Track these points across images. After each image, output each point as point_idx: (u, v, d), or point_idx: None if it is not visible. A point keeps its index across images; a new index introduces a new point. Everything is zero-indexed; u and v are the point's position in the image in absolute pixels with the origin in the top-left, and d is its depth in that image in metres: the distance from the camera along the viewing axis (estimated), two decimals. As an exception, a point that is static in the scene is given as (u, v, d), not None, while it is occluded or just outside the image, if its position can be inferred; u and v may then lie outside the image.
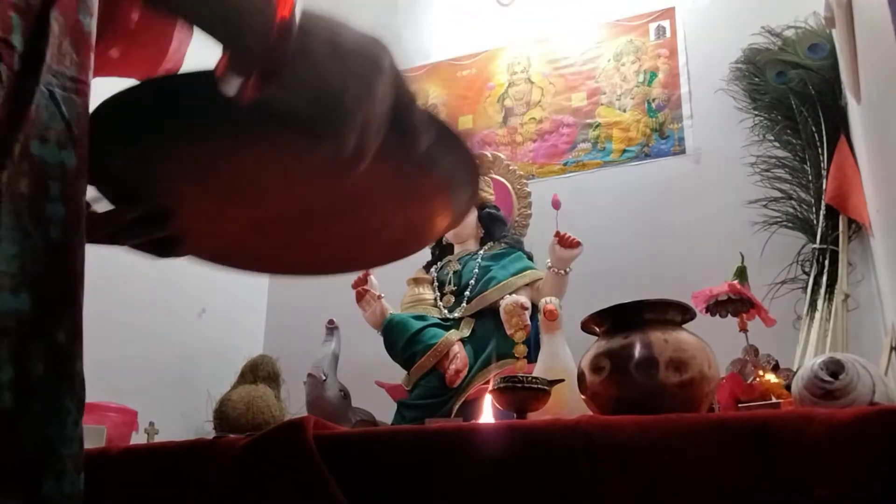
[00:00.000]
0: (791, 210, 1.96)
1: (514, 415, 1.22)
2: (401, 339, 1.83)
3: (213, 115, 0.53)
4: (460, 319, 1.87)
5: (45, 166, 0.50)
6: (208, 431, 1.90)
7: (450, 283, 1.96)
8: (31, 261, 0.48)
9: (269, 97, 0.49)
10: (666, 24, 2.35)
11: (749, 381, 1.27)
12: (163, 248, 0.69)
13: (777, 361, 1.37)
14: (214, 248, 0.74)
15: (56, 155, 0.51)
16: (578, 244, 1.80)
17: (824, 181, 1.86)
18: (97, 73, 0.67)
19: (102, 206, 0.66)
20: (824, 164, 1.88)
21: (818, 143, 1.92)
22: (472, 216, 2.02)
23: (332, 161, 0.52)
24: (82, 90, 0.55)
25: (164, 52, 0.76)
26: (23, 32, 0.49)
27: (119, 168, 0.62)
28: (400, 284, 2.04)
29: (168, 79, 0.59)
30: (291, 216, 0.67)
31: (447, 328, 1.84)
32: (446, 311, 1.91)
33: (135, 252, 0.70)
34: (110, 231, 0.65)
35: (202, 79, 0.51)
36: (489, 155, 2.25)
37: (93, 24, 0.56)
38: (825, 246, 1.83)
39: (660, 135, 2.25)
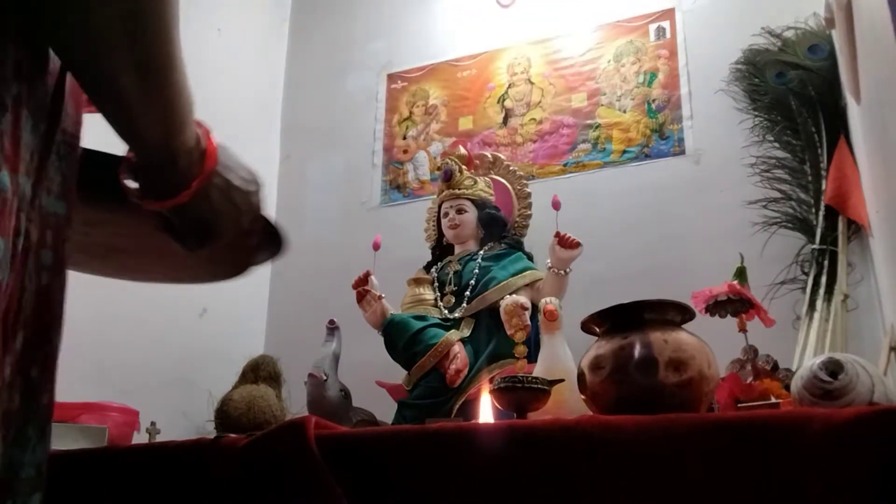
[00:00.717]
0: (791, 211, 1.96)
1: (514, 415, 1.22)
2: (401, 339, 1.83)
3: (101, 187, 0.62)
4: (460, 319, 1.88)
5: (46, 216, 0.55)
6: (209, 431, 1.90)
7: (450, 284, 1.96)
8: (27, 304, 0.53)
9: (162, 213, 0.60)
10: (666, 24, 2.35)
11: (748, 382, 1.28)
12: None
13: (776, 361, 1.37)
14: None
15: (53, 205, 0.56)
16: (578, 244, 1.80)
17: (824, 182, 1.87)
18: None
19: None
20: (824, 165, 1.89)
21: (818, 144, 1.92)
22: (473, 216, 2.02)
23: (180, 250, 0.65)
24: (75, 144, 0.60)
25: None
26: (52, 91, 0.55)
27: None
28: (400, 285, 2.04)
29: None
30: (108, 249, 0.80)
31: (447, 328, 1.85)
32: (446, 312, 1.91)
33: None
34: None
35: (105, 159, 0.62)
36: (489, 155, 2.25)
37: None
38: (824, 246, 1.83)
39: (660, 135, 2.25)
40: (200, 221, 0.62)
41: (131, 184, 0.60)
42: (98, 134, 0.61)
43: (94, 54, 0.49)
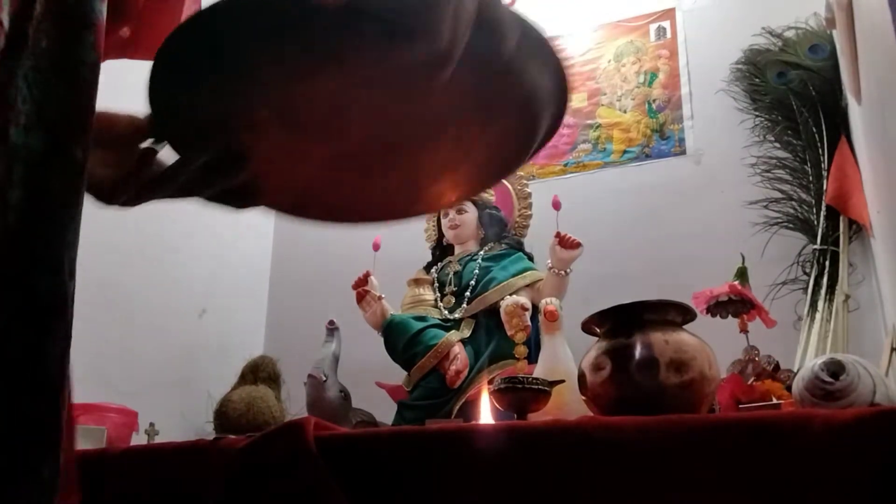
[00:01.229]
0: (791, 211, 1.96)
1: (515, 416, 1.22)
2: (401, 340, 1.83)
3: (289, 32, 0.49)
4: (461, 320, 1.87)
5: (14, 150, 0.49)
6: (209, 432, 1.90)
7: (450, 284, 1.96)
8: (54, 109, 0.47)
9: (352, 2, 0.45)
10: (666, 24, 2.35)
11: (749, 383, 1.27)
12: (240, 197, 0.65)
13: (778, 362, 1.37)
14: (294, 195, 0.67)
15: (23, 138, 0.49)
16: (579, 245, 1.80)
17: (825, 182, 1.86)
18: (109, 56, 0.65)
19: (171, 155, 0.61)
20: (825, 165, 1.88)
21: (819, 144, 1.92)
22: (473, 216, 2.02)
23: (423, 63, 0.48)
24: (69, 69, 0.52)
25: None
26: (10, 10, 0.48)
27: (185, 108, 0.56)
28: (400, 285, 2.04)
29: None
30: (374, 149, 0.61)
31: (447, 329, 1.84)
32: (447, 312, 1.91)
33: (211, 205, 0.65)
34: (183, 182, 0.61)
35: None
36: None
37: (93, 4, 0.54)
38: (826, 247, 1.83)
39: (660, 135, 2.25)
40: None
41: None
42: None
43: None
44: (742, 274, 1.56)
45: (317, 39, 0.49)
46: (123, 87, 0.63)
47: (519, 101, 0.57)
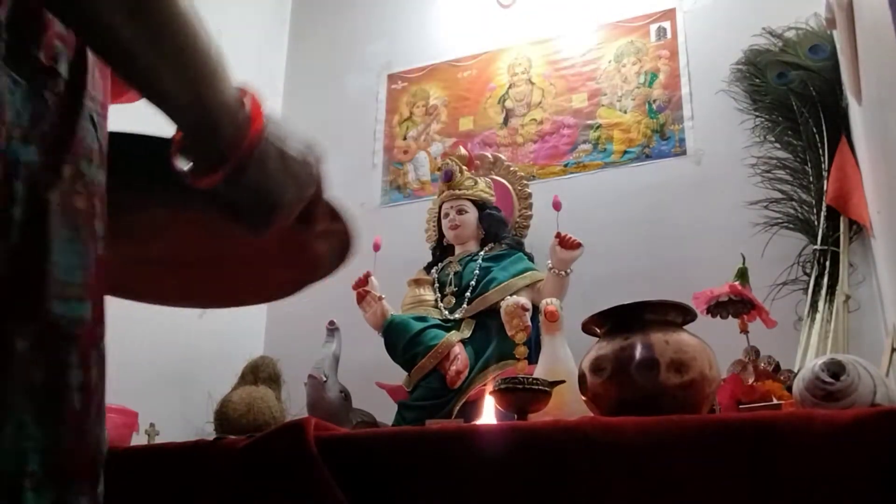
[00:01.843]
0: (792, 211, 1.96)
1: (515, 416, 1.22)
2: (401, 341, 1.83)
3: (153, 178, 0.59)
4: (461, 320, 1.87)
5: (92, 185, 0.54)
6: (209, 433, 1.89)
7: (450, 285, 1.96)
8: (89, 272, 0.53)
9: (219, 191, 0.57)
10: (667, 25, 2.35)
11: (750, 383, 1.27)
12: None
13: (778, 363, 1.37)
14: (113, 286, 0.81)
15: (96, 174, 0.55)
16: (579, 245, 1.80)
17: (825, 182, 1.86)
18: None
19: None
20: (825, 166, 1.88)
21: (819, 145, 1.92)
22: (473, 217, 2.02)
23: (246, 234, 0.61)
24: (105, 115, 0.59)
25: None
26: (67, 60, 0.53)
27: None
28: (401, 286, 2.04)
29: (124, 135, 0.62)
30: (180, 262, 0.76)
31: (448, 329, 1.84)
32: (447, 313, 1.91)
33: None
34: None
35: (155, 144, 0.59)
36: (490, 156, 2.24)
37: None
38: (826, 247, 1.82)
39: (661, 136, 2.24)
40: (258, 193, 0.58)
41: (182, 166, 0.57)
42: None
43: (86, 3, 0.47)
44: (742, 274, 1.56)
45: (166, 192, 0.60)
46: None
47: (314, 259, 0.77)
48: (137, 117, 0.68)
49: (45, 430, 0.49)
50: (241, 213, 0.59)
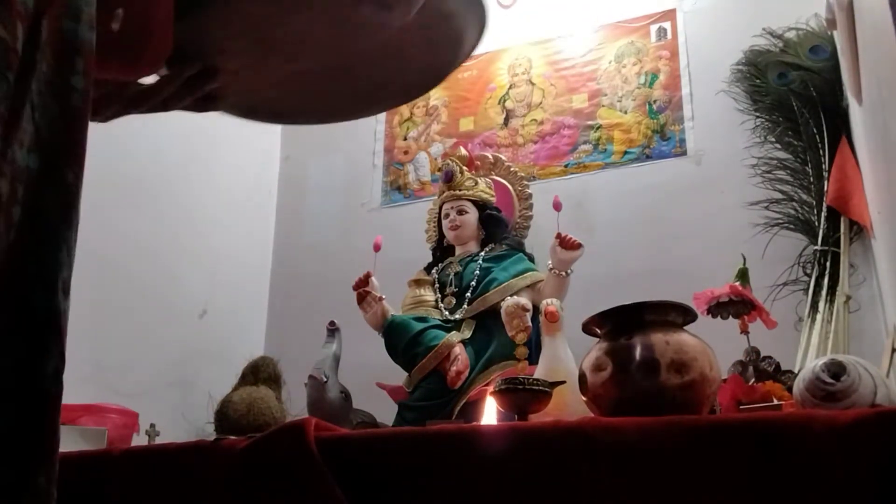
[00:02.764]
0: (792, 212, 1.96)
1: (516, 416, 1.22)
2: (402, 341, 1.83)
3: None
4: (461, 321, 1.87)
5: (19, 170, 0.50)
6: (209, 433, 1.89)
7: (451, 285, 1.96)
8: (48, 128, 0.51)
9: None
10: (667, 25, 2.35)
11: (750, 383, 1.27)
12: (200, 104, 0.72)
13: (778, 363, 1.37)
14: (248, 102, 0.76)
15: (25, 158, 0.51)
16: (580, 246, 1.80)
17: (825, 183, 1.86)
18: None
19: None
20: (825, 166, 1.88)
21: (819, 145, 1.92)
22: (474, 217, 2.02)
23: (379, 15, 0.57)
24: (62, 95, 0.55)
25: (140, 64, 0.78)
26: (23, 38, 0.51)
27: (176, 31, 0.62)
28: (401, 286, 2.04)
29: None
30: (323, 68, 0.71)
31: (448, 330, 1.84)
32: (447, 313, 1.91)
33: (177, 110, 0.71)
34: (165, 96, 0.67)
35: None
36: (490, 156, 2.24)
37: (83, 32, 0.57)
38: (826, 248, 1.82)
39: (661, 136, 2.25)
40: None
41: None
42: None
43: None
44: (743, 275, 1.56)
45: None
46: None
47: (447, 35, 0.72)
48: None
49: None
50: None
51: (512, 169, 2.21)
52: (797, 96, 1.99)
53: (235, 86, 0.72)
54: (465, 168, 2.07)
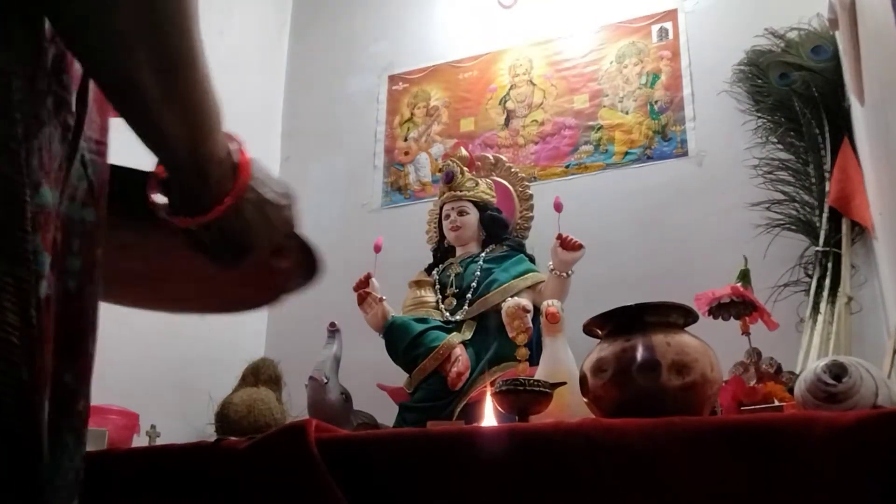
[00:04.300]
0: (794, 212, 1.95)
1: (516, 418, 1.22)
2: (402, 342, 1.82)
3: (129, 206, 0.61)
4: (462, 322, 1.87)
5: (70, 223, 0.54)
6: (210, 434, 1.89)
7: (451, 286, 1.96)
8: (44, 311, 0.52)
9: (193, 231, 0.59)
10: (668, 25, 2.35)
11: (752, 385, 1.27)
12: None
13: (780, 364, 1.37)
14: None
15: (79, 212, 0.55)
16: (580, 246, 1.79)
17: (827, 183, 1.86)
18: None
19: None
20: (827, 167, 1.88)
21: (821, 146, 1.91)
22: (474, 218, 2.02)
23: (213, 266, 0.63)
24: (102, 151, 0.60)
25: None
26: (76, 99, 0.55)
27: None
28: (402, 287, 2.04)
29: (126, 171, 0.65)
30: (147, 276, 0.81)
31: (449, 331, 1.84)
32: (448, 314, 1.90)
33: None
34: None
35: (133, 176, 0.60)
36: (491, 157, 2.24)
37: None
38: (828, 248, 1.82)
39: (662, 137, 2.24)
40: (232, 238, 0.60)
41: (160, 200, 0.59)
42: (122, 142, 0.60)
43: (111, 51, 0.48)
44: (744, 276, 1.55)
45: (143, 222, 0.62)
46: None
47: (277, 283, 0.80)
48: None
49: (80, 453, 0.56)
50: (212, 252, 0.62)
51: (513, 170, 2.21)
52: (799, 97, 1.98)
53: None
54: (465, 169, 2.07)
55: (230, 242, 0.61)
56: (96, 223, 0.57)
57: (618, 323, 1.12)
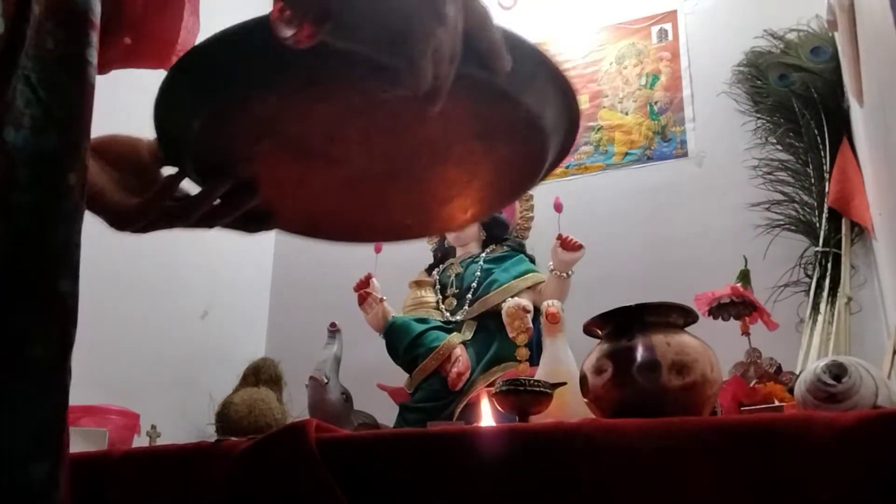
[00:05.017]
0: (793, 213, 1.96)
1: (516, 418, 1.22)
2: (403, 342, 1.83)
3: (277, 68, 0.50)
4: (462, 322, 1.87)
5: (16, 153, 0.48)
6: (210, 434, 1.90)
7: (452, 286, 1.96)
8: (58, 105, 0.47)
9: (329, 39, 0.46)
10: (668, 26, 2.35)
11: (752, 385, 1.27)
12: (253, 223, 0.69)
13: (780, 364, 1.37)
14: (305, 218, 0.71)
15: (31, 141, 0.49)
16: (581, 247, 1.79)
17: (827, 184, 1.86)
18: (113, 66, 0.67)
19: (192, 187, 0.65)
20: (827, 167, 1.88)
21: (820, 146, 1.92)
22: (475, 219, 2.02)
23: (411, 99, 0.47)
24: (78, 69, 0.52)
25: (174, 40, 0.74)
26: (4, 13, 0.48)
27: (198, 142, 0.58)
28: (402, 287, 2.04)
29: (229, 34, 0.53)
30: (379, 173, 0.62)
31: (449, 331, 1.84)
32: (448, 314, 1.90)
33: (228, 231, 0.69)
34: (204, 213, 0.65)
35: (262, 29, 0.48)
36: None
37: (90, 2, 0.54)
38: (828, 249, 1.82)
39: (662, 138, 2.24)
40: (376, 21, 0.46)
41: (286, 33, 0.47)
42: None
43: None
44: (744, 276, 1.56)
45: (304, 73, 0.50)
46: (112, 109, 0.64)
47: (521, 124, 0.56)
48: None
49: (43, 407, 0.47)
50: (374, 60, 0.46)
51: (513, 170, 2.21)
52: (798, 97, 1.99)
53: (285, 200, 0.67)
54: (466, 169, 2.07)
55: (377, 31, 0.46)
56: (64, 150, 0.50)
57: (618, 323, 1.12)
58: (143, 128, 0.64)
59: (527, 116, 0.55)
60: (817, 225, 1.87)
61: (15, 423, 0.46)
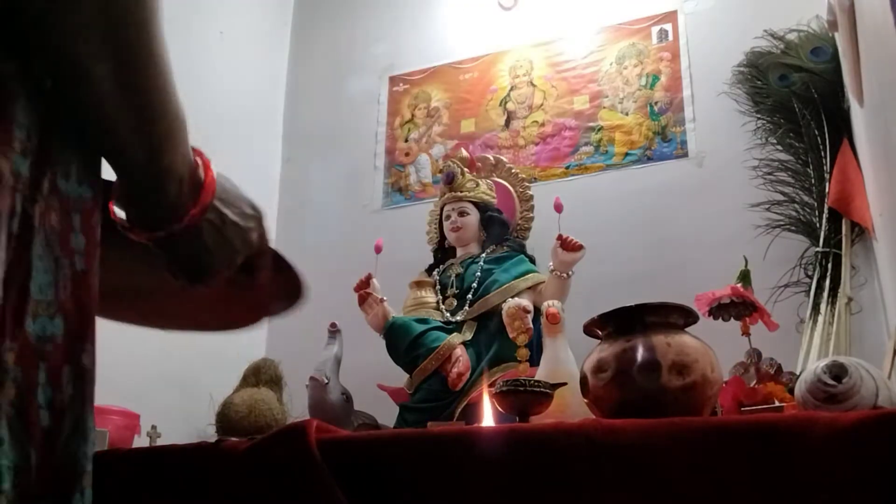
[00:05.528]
0: (794, 213, 1.96)
1: (517, 418, 1.22)
2: (403, 343, 1.83)
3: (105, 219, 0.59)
4: (462, 323, 1.87)
5: (69, 200, 0.52)
6: (210, 435, 1.90)
7: (452, 287, 1.96)
8: (63, 289, 0.51)
9: (156, 248, 0.58)
10: (668, 27, 2.35)
11: (752, 385, 1.27)
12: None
13: (780, 365, 1.37)
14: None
15: (76, 189, 0.53)
16: (581, 247, 1.79)
17: (827, 184, 1.86)
18: None
19: None
20: (827, 168, 1.88)
21: (821, 147, 1.92)
22: (475, 219, 2.02)
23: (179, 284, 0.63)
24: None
25: None
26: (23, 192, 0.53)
27: None
28: (402, 287, 2.04)
29: None
30: (125, 290, 0.77)
31: (449, 331, 1.84)
32: (448, 315, 1.90)
33: None
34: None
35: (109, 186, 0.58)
36: (491, 158, 2.25)
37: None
38: (828, 249, 1.82)
39: (662, 138, 2.24)
40: (189, 257, 0.60)
41: (120, 213, 0.59)
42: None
43: (66, 34, 0.46)
44: (745, 276, 1.55)
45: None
46: None
47: (256, 302, 0.81)
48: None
49: (16, 448, 0.48)
50: (173, 268, 0.61)
51: (513, 170, 2.21)
52: (798, 98, 1.99)
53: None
54: (466, 170, 2.07)
55: (187, 262, 0.60)
56: (93, 199, 0.55)
57: (618, 323, 1.12)
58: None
59: (259, 302, 0.82)
60: (817, 225, 1.87)
61: (90, 452, 0.53)
